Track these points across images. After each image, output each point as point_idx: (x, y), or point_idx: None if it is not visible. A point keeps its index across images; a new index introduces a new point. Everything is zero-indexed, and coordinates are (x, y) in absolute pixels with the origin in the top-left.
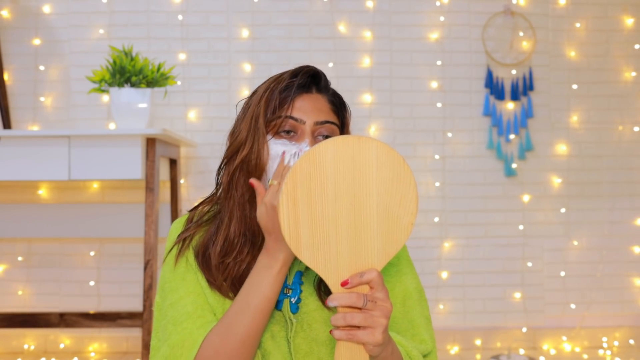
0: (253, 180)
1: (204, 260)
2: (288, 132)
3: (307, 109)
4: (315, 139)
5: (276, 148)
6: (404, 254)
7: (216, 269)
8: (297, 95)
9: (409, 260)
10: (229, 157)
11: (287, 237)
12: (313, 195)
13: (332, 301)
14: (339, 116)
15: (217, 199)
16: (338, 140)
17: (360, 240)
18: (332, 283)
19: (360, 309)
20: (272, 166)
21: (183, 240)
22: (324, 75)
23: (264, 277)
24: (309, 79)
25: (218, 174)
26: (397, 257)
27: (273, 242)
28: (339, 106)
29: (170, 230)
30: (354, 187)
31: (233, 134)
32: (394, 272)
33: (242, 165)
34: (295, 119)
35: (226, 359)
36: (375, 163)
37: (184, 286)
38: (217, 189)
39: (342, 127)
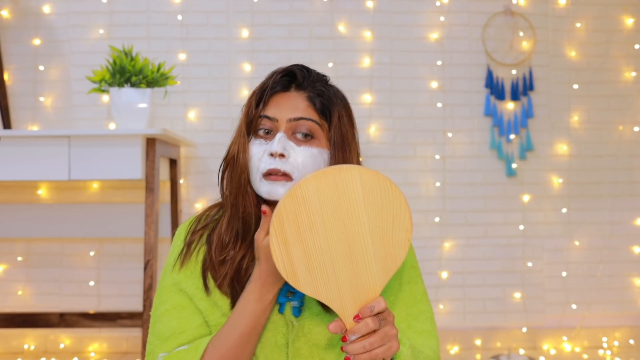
0: (265, 208)
1: (210, 259)
2: (267, 132)
3: (281, 107)
4: (293, 136)
5: (252, 148)
6: (410, 261)
7: (219, 265)
8: (272, 95)
9: (415, 267)
10: (225, 158)
11: (284, 275)
12: (302, 231)
13: (352, 334)
14: (323, 113)
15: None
16: (319, 173)
17: (358, 266)
18: (337, 309)
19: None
20: (252, 167)
21: (188, 245)
22: (304, 72)
23: (253, 309)
24: (285, 78)
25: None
26: (402, 264)
27: (268, 274)
28: (323, 103)
29: (175, 235)
30: (343, 217)
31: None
32: (397, 282)
33: (231, 165)
34: (269, 117)
35: None
36: (361, 190)
37: (173, 298)
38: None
39: (331, 124)
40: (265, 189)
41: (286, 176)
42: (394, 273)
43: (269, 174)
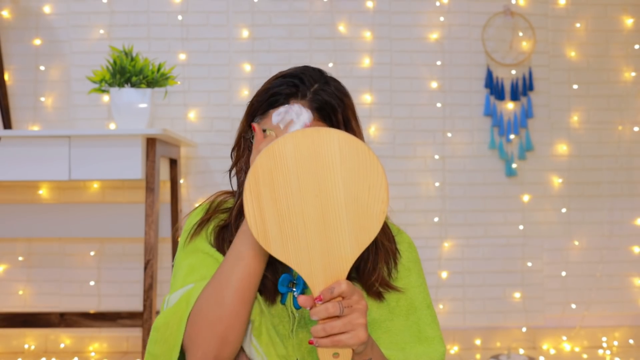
0: (255, 124)
1: (218, 241)
2: None
3: (283, 120)
4: None
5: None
6: (416, 266)
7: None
8: (273, 108)
9: (420, 272)
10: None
11: (255, 233)
12: (277, 190)
13: (312, 316)
14: (327, 119)
15: (240, 186)
16: (297, 133)
17: (330, 232)
18: (306, 276)
19: (338, 316)
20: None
21: (199, 224)
22: (303, 81)
23: (249, 257)
24: (284, 89)
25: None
26: (408, 269)
27: None
28: (325, 109)
29: (189, 217)
30: (318, 180)
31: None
32: (403, 284)
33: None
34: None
35: (223, 311)
36: (338, 154)
37: (193, 256)
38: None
39: (338, 126)
40: None
41: None
42: (365, 247)
43: None
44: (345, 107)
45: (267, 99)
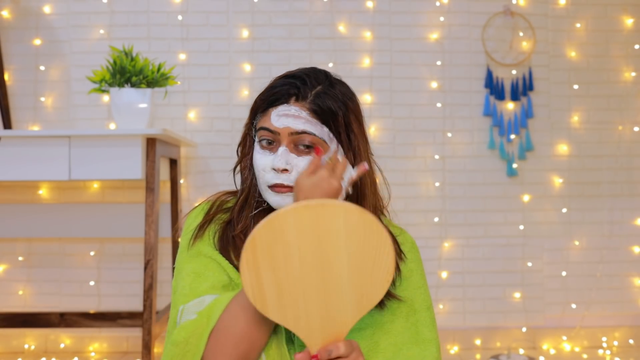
0: (319, 150)
1: (222, 241)
2: (269, 142)
3: (282, 120)
4: (295, 148)
5: (256, 157)
6: (418, 267)
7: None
8: (273, 107)
9: (422, 272)
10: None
11: (252, 300)
12: (276, 261)
13: None
14: (327, 123)
15: (243, 182)
16: (300, 207)
17: (331, 299)
18: (304, 338)
19: None
20: (258, 175)
21: (201, 226)
22: (304, 82)
23: None
24: (285, 88)
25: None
26: (410, 269)
27: None
28: (325, 112)
29: (188, 217)
30: (321, 252)
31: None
32: (405, 285)
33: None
34: (270, 130)
35: (250, 329)
36: (343, 228)
37: (197, 261)
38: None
39: (337, 130)
40: (272, 199)
41: (291, 188)
42: (367, 311)
43: (275, 186)
44: (348, 110)
45: (268, 98)
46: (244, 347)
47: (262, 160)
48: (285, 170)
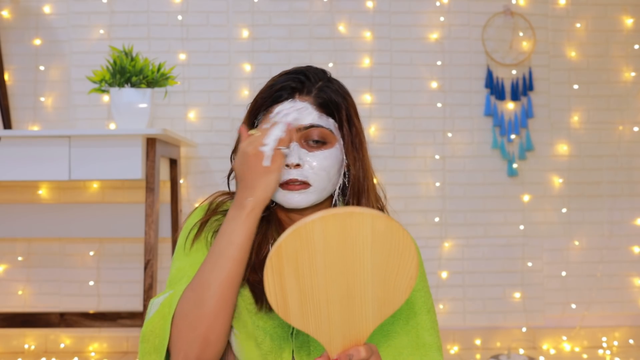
0: (242, 127)
1: None
2: None
3: (292, 114)
4: (305, 143)
5: None
6: (419, 269)
7: None
8: (278, 104)
9: (422, 274)
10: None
11: (275, 307)
12: (301, 269)
13: None
14: (331, 115)
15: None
16: (327, 216)
17: (353, 307)
18: (324, 343)
19: None
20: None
21: (200, 225)
22: (306, 78)
23: (233, 227)
24: (288, 85)
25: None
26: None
27: (241, 191)
28: (329, 105)
29: (190, 218)
30: (346, 260)
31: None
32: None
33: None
34: None
35: (204, 312)
36: (370, 237)
37: (184, 261)
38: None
39: (341, 123)
40: (280, 197)
41: (304, 184)
42: (388, 317)
43: (287, 183)
44: (348, 105)
45: (271, 95)
46: (201, 330)
47: None
48: (298, 165)
